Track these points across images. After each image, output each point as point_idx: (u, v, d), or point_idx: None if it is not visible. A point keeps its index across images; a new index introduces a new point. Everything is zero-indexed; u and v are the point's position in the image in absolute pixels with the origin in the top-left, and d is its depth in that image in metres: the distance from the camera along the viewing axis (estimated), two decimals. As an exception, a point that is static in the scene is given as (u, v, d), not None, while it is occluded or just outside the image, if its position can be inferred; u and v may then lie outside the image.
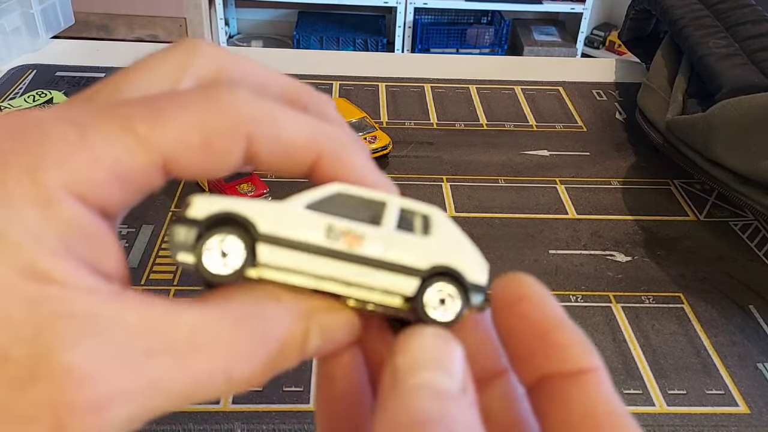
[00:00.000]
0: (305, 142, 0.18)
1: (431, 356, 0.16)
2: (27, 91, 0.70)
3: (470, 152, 0.64)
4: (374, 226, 0.17)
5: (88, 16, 2.45)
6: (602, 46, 2.73)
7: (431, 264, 0.17)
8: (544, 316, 0.18)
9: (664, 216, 0.57)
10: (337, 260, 0.17)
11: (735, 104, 0.50)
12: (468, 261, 0.18)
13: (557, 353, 0.17)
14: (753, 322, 0.46)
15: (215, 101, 0.17)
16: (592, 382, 0.17)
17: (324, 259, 0.17)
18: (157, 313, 0.15)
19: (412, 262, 0.17)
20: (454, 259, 0.18)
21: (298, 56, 0.85)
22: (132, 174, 0.16)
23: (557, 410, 0.17)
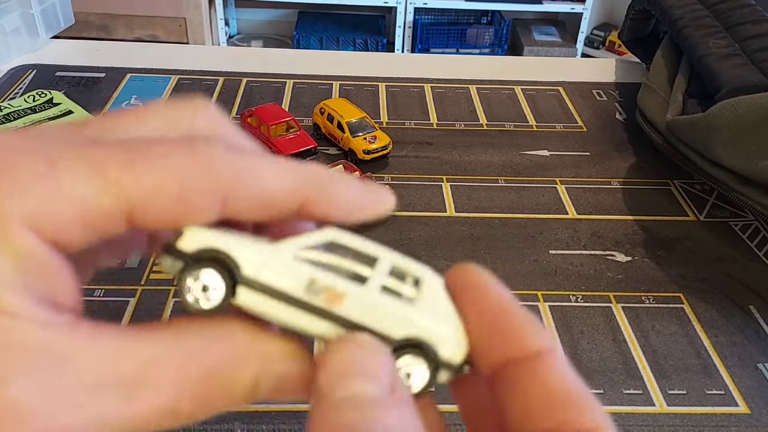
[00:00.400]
0: (289, 191, 0.18)
1: (353, 366, 0.16)
2: (27, 91, 0.70)
3: (470, 152, 0.64)
4: (359, 284, 0.17)
5: (88, 16, 2.45)
6: (602, 46, 2.73)
7: (405, 335, 0.17)
8: (494, 302, 0.18)
9: (664, 216, 0.57)
10: (313, 315, 0.17)
11: (735, 104, 0.50)
12: (446, 336, 0.17)
13: (511, 338, 0.17)
14: (753, 323, 0.46)
15: (196, 153, 0.16)
16: (546, 364, 0.17)
17: (301, 312, 0.17)
18: (106, 346, 0.15)
19: (387, 330, 0.17)
20: (432, 333, 0.17)
21: (298, 56, 0.85)
22: (94, 216, 0.16)
23: (515, 396, 0.17)
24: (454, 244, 0.52)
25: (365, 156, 0.60)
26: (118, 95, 0.71)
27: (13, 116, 0.64)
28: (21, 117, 0.64)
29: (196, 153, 0.16)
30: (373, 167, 0.61)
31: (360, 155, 0.60)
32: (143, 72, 0.76)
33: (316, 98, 0.71)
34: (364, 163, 0.61)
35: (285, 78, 0.76)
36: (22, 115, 0.64)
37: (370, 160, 0.61)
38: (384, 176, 0.60)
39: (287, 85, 0.75)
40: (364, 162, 0.60)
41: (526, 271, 0.50)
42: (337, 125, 0.62)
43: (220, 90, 0.73)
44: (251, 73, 0.76)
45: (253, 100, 0.71)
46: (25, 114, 0.64)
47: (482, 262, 0.50)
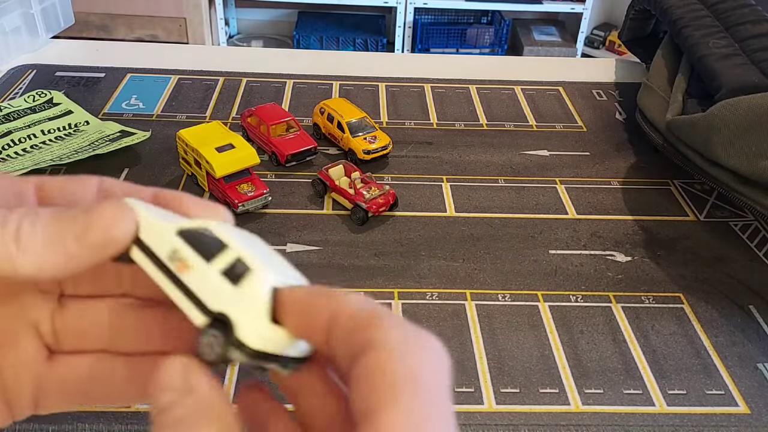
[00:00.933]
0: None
1: (157, 383, 0.20)
2: (27, 91, 0.70)
3: (470, 152, 0.64)
4: (206, 263, 0.20)
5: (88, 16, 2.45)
6: (602, 46, 2.73)
7: (218, 310, 0.20)
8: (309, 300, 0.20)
9: (664, 216, 0.57)
10: (167, 277, 0.21)
11: (735, 104, 0.50)
12: (248, 321, 0.20)
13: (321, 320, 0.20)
14: (753, 322, 0.46)
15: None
16: (343, 310, 0.19)
17: (162, 273, 0.21)
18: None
19: (207, 302, 0.20)
20: (237, 315, 0.20)
21: (298, 56, 0.85)
22: None
23: (334, 345, 0.19)
24: (454, 244, 0.52)
25: (365, 156, 0.60)
26: (118, 95, 0.71)
27: (13, 116, 0.64)
28: (21, 117, 0.64)
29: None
30: (373, 167, 0.61)
31: (360, 155, 0.60)
32: (143, 72, 0.76)
33: (316, 98, 0.71)
34: (364, 163, 0.61)
35: (285, 78, 0.76)
36: (22, 115, 0.64)
37: (370, 160, 0.61)
38: (384, 176, 0.60)
39: (287, 85, 0.75)
40: (364, 162, 0.60)
41: (526, 271, 0.50)
42: (337, 125, 0.62)
43: (220, 90, 0.73)
44: (251, 73, 0.76)
45: (253, 100, 0.71)
46: (25, 114, 0.64)
47: (482, 262, 0.50)
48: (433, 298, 0.47)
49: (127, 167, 0.59)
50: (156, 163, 0.60)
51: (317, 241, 0.52)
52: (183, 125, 0.65)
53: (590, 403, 0.40)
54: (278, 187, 0.58)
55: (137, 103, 0.70)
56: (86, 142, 0.60)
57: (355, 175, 0.55)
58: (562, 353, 0.43)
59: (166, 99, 0.71)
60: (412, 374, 0.17)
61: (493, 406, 0.40)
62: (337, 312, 0.19)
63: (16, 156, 0.58)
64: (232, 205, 0.52)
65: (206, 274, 0.20)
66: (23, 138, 0.61)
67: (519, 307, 0.47)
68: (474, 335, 0.44)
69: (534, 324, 0.45)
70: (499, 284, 0.49)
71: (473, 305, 0.47)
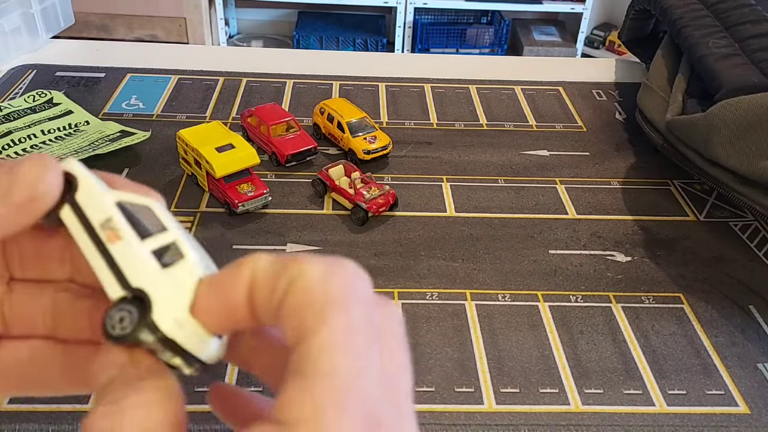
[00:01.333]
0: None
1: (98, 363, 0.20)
2: (27, 91, 0.70)
3: (470, 152, 0.64)
4: (139, 239, 0.20)
5: (88, 16, 2.45)
6: (602, 46, 2.73)
7: (137, 286, 0.19)
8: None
9: (664, 216, 0.57)
10: (91, 241, 0.20)
11: (734, 104, 0.50)
12: (165, 303, 0.19)
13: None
14: (753, 322, 0.46)
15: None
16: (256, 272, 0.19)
17: (90, 239, 0.20)
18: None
19: (129, 276, 0.20)
20: (156, 295, 0.19)
21: (298, 56, 0.85)
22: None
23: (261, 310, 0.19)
24: (454, 244, 0.52)
25: (365, 156, 0.60)
26: (118, 95, 0.71)
27: (13, 116, 0.64)
28: (21, 117, 0.64)
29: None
30: (373, 167, 0.61)
31: (360, 155, 0.60)
32: (143, 72, 0.76)
33: (316, 98, 0.71)
34: (364, 163, 0.61)
35: (285, 78, 0.76)
36: (22, 115, 0.64)
37: (370, 160, 0.61)
38: (384, 176, 0.60)
39: (287, 85, 0.75)
40: (364, 162, 0.60)
41: (526, 271, 0.50)
42: (337, 125, 0.62)
43: (220, 90, 0.73)
44: (251, 73, 0.77)
45: (253, 100, 0.71)
46: (25, 114, 0.64)
47: (482, 262, 0.50)
48: (433, 298, 0.47)
49: (127, 167, 0.59)
50: (156, 163, 0.60)
51: (317, 241, 0.52)
52: (183, 125, 0.65)
53: (590, 403, 0.40)
54: (278, 187, 0.58)
55: (137, 103, 0.70)
56: (86, 142, 0.60)
57: (355, 175, 0.55)
58: (562, 353, 0.43)
59: (166, 99, 0.71)
60: (334, 296, 0.18)
61: (493, 406, 0.40)
62: (254, 278, 0.19)
63: (16, 156, 0.58)
64: (232, 205, 0.52)
65: (136, 250, 0.20)
66: (23, 138, 0.61)
67: (519, 307, 0.47)
68: (474, 335, 0.44)
69: (534, 324, 0.45)
70: (499, 284, 0.49)
71: (473, 305, 0.47)
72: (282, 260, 0.19)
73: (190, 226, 0.52)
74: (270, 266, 0.19)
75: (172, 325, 0.19)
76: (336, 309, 0.18)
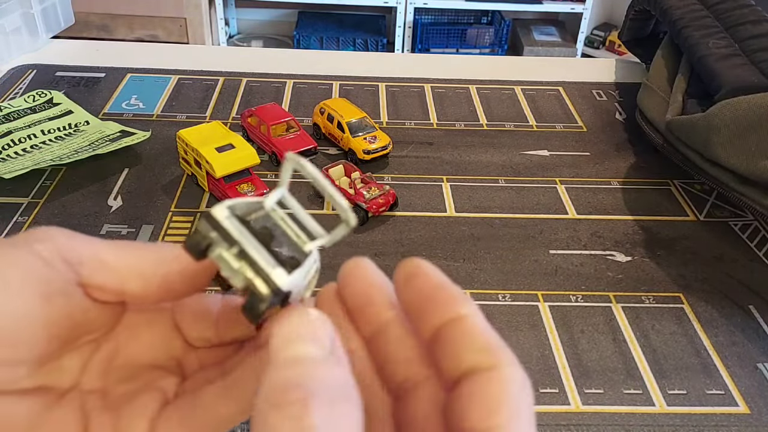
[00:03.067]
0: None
1: (299, 331, 0.19)
2: (27, 91, 0.70)
3: (470, 152, 0.64)
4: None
5: (88, 16, 2.45)
6: (602, 46, 2.73)
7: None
8: (429, 282, 0.22)
9: (664, 216, 0.57)
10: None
11: (734, 104, 0.50)
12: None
13: (443, 305, 0.21)
14: (753, 322, 0.46)
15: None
16: (469, 321, 0.21)
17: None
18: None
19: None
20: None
21: (298, 56, 0.85)
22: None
23: (449, 348, 0.20)
24: (454, 244, 0.52)
25: (365, 156, 0.60)
26: (118, 95, 0.71)
27: (13, 116, 0.64)
28: (21, 117, 0.64)
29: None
30: (373, 167, 0.61)
31: (360, 155, 0.60)
32: (143, 72, 0.76)
33: (316, 98, 0.71)
34: (364, 163, 0.61)
35: (285, 78, 0.76)
36: (22, 115, 0.64)
37: (370, 160, 0.61)
38: (384, 176, 0.60)
39: (287, 85, 0.75)
40: (364, 162, 0.60)
41: (526, 271, 0.50)
42: (337, 125, 0.62)
43: (220, 90, 0.73)
44: (251, 73, 0.77)
45: (253, 100, 0.71)
46: (25, 114, 0.64)
47: (482, 262, 0.50)
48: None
49: (127, 167, 0.59)
50: (156, 163, 0.60)
51: (317, 241, 0.52)
52: (183, 125, 0.65)
53: (590, 403, 0.40)
54: (278, 187, 0.58)
55: (137, 103, 0.70)
56: (86, 142, 0.60)
57: (355, 175, 0.55)
58: (562, 353, 0.43)
59: (166, 99, 0.71)
60: (524, 410, 0.19)
61: (493, 406, 0.40)
62: (468, 317, 0.21)
63: (16, 156, 0.58)
64: (232, 205, 0.52)
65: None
66: (23, 138, 0.61)
67: (519, 307, 0.47)
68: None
69: (534, 324, 0.45)
70: (499, 284, 0.49)
71: (473, 305, 0.47)
72: (496, 338, 0.21)
73: (190, 226, 0.52)
74: (484, 331, 0.21)
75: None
76: (525, 426, 0.19)
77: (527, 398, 0.20)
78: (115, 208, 0.54)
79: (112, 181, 0.57)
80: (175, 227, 0.52)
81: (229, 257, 0.21)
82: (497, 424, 0.19)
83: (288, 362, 0.18)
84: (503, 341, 0.21)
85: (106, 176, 0.58)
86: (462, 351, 0.20)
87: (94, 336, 0.23)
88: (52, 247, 0.21)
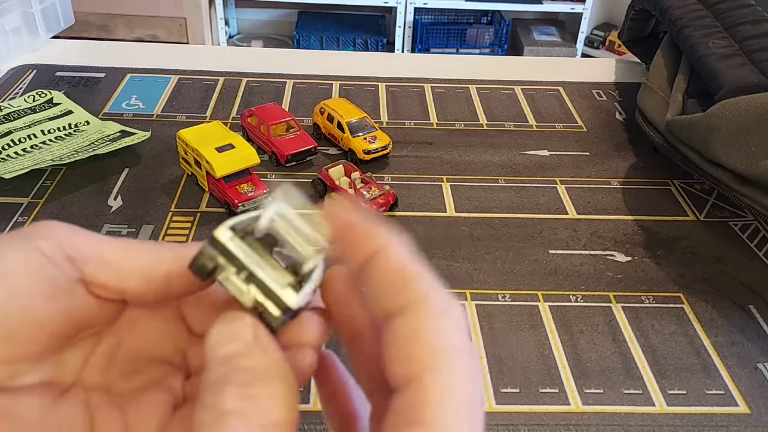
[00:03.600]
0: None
1: (220, 333, 0.20)
2: (27, 91, 0.70)
3: (470, 152, 0.64)
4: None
5: (88, 16, 2.45)
6: (602, 46, 2.73)
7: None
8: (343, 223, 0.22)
9: (664, 216, 0.57)
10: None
11: (735, 104, 0.50)
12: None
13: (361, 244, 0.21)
14: (753, 322, 0.46)
15: None
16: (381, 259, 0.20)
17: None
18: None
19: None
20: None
21: (298, 56, 0.85)
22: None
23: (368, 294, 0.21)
24: (454, 244, 0.52)
25: (365, 156, 0.60)
26: (118, 95, 0.71)
27: (13, 116, 0.64)
28: (21, 117, 0.64)
29: None
30: (373, 167, 0.61)
31: (360, 155, 0.60)
32: (143, 72, 0.76)
33: (316, 98, 0.71)
34: (364, 163, 0.61)
35: (285, 78, 0.76)
36: (22, 115, 0.64)
37: (370, 160, 0.61)
38: (384, 176, 0.60)
39: (287, 85, 0.75)
40: (364, 162, 0.60)
41: (526, 271, 0.50)
42: (337, 125, 0.62)
43: (220, 90, 0.73)
44: (251, 73, 0.77)
45: (253, 100, 0.71)
46: (25, 114, 0.64)
47: (482, 262, 0.50)
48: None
49: (127, 167, 0.59)
50: (156, 163, 0.60)
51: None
52: (183, 125, 0.65)
53: (590, 403, 0.40)
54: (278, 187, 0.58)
55: (137, 103, 0.70)
56: (86, 142, 0.60)
57: (355, 175, 0.55)
58: (562, 353, 0.43)
59: (166, 99, 0.71)
60: (447, 343, 0.18)
61: (493, 406, 0.40)
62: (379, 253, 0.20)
63: (16, 156, 0.58)
64: (232, 205, 0.52)
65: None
66: (23, 138, 0.61)
67: (519, 307, 0.47)
68: (474, 335, 0.44)
69: (534, 324, 0.45)
70: (499, 284, 0.49)
71: (473, 305, 0.47)
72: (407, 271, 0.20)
73: (190, 226, 0.52)
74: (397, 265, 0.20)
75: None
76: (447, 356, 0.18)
77: (450, 328, 0.18)
78: (115, 208, 0.54)
79: (112, 181, 0.57)
80: (175, 227, 0.52)
81: (236, 280, 0.21)
82: (414, 374, 0.18)
83: (213, 363, 0.19)
84: (421, 270, 0.20)
85: (106, 176, 0.58)
86: (376, 295, 0.20)
87: (95, 330, 0.23)
88: (55, 244, 0.21)
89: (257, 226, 0.22)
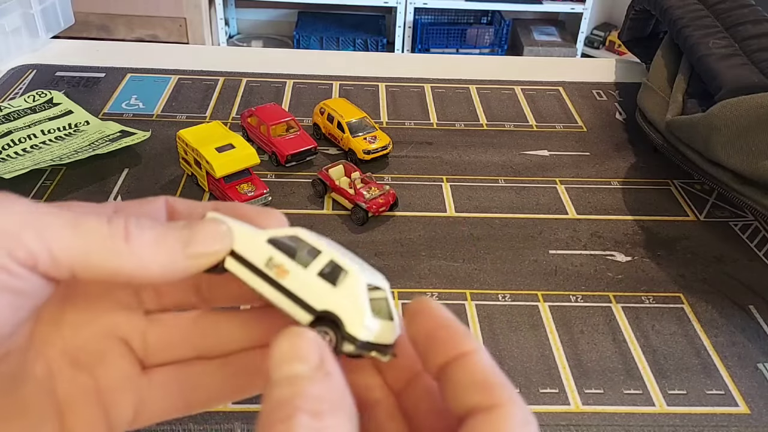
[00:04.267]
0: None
1: (287, 352, 0.20)
2: (27, 91, 0.70)
3: (470, 152, 0.64)
4: (302, 267, 0.22)
5: (88, 16, 2.45)
6: (602, 46, 2.73)
7: (324, 308, 0.22)
8: (434, 321, 0.22)
9: (664, 216, 0.57)
10: (267, 283, 0.23)
11: (735, 104, 0.50)
12: (351, 316, 0.22)
13: (447, 343, 0.22)
14: (753, 322, 0.46)
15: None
16: (471, 360, 0.21)
17: (261, 280, 0.23)
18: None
19: (312, 302, 0.22)
20: (345, 312, 0.22)
21: (298, 56, 0.85)
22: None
23: (450, 384, 0.21)
24: (454, 244, 0.52)
25: (365, 156, 0.60)
26: (118, 95, 0.71)
27: (13, 116, 0.64)
28: (21, 117, 0.64)
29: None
30: (373, 167, 0.61)
31: (360, 155, 0.60)
32: (143, 72, 0.76)
33: (316, 98, 0.71)
34: (364, 163, 0.61)
35: (285, 78, 0.76)
36: (22, 115, 0.64)
37: (370, 160, 0.61)
38: (384, 176, 0.60)
39: (287, 85, 0.75)
40: (364, 162, 0.60)
41: (526, 271, 0.50)
42: (337, 125, 0.62)
43: (220, 90, 0.73)
44: (251, 73, 0.77)
45: (253, 100, 0.71)
46: (25, 114, 0.64)
47: (482, 262, 0.50)
48: (433, 298, 0.47)
49: (127, 167, 0.59)
50: (156, 163, 0.60)
51: (317, 241, 0.52)
52: (183, 125, 0.65)
53: (590, 403, 0.40)
54: (278, 187, 0.58)
55: (137, 103, 0.70)
56: (86, 142, 0.60)
57: (355, 175, 0.55)
58: (562, 353, 0.43)
59: (166, 99, 0.71)
60: None
61: (493, 406, 0.40)
62: (469, 355, 0.21)
63: (16, 156, 0.58)
64: (232, 205, 0.52)
65: (305, 278, 0.22)
66: (23, 138, 0.61)
67: (519, 307, 0.47)
68: (474, 335, 0.44)
69: (534, 324, 0.45)
70: (499, 284, 0.49)
71: (473, 305, 0.47)
72: (497, 376, 0.21)
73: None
74: (485, 369, 0.21)
75: (365, 331, 0.22)
76: None
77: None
78: (115, 208, 0.54)
79: (112, 181, 0.57)
80: (175, 227, 0.52)
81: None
82: None
83: (279, 382, 0.19)
84: (506, 379, 0.21)
85: (106, 176, 0.58)
86: (462, 391, 0.21)
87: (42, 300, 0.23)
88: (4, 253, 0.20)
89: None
